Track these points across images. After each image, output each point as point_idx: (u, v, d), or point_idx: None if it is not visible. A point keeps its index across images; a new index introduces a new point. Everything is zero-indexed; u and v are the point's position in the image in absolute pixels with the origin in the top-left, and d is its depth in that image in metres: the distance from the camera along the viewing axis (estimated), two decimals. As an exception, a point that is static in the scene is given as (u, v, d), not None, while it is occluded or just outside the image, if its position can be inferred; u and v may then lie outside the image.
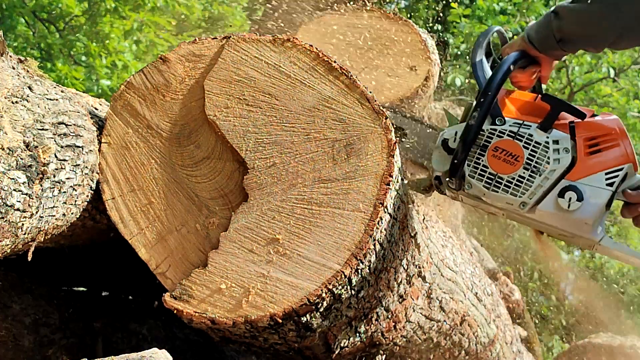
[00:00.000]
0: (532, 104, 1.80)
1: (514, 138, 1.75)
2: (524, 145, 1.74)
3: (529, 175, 1.73)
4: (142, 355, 1.32)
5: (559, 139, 1.73)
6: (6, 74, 1.32)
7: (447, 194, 1.90)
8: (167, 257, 1.58)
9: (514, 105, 1.79)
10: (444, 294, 2.16)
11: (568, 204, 1.71)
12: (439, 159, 1.83)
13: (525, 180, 1.73)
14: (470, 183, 1.78)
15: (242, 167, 1.61)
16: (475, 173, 1.77)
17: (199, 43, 1.66)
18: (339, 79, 1.60)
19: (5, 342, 1.82)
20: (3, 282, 1.92)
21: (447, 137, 1.81)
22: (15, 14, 7.62)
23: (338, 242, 1.51)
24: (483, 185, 1.76)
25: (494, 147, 1.75)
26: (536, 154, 1.73)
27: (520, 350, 3.58)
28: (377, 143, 1.56)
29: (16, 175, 1.22)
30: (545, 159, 1.73)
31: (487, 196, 1.77)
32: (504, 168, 1.74)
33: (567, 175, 1.72)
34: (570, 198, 1.70)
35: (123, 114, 1.64)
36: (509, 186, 1.74)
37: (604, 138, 1.74)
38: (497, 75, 1.76)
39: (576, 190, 1.71)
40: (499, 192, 1.75)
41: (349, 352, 1.76)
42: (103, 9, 7.52)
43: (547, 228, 1.82)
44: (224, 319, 1.49)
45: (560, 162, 1.72)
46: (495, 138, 1.75)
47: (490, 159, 1.75)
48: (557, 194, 1.72)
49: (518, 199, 1.74)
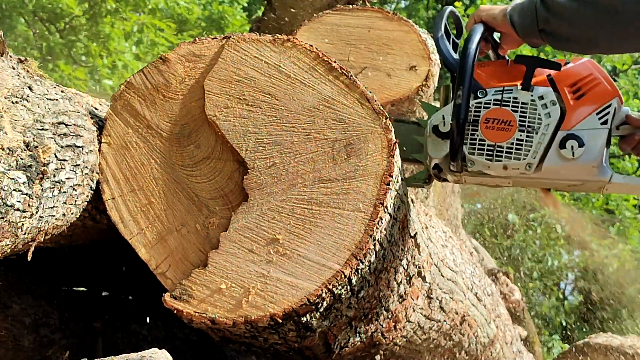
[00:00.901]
0: (506, 69, 1.82)
1: (501, 105, 1.76)
2: (512, 109, 1.76)
3: (526, 136, 1.75)
4: (142, 355, 1.32)
5: (543, 94, 1.75)
6: (6, 74, 1.32)
7: (450, 179, 1.91)
8: (167, 257, 1.58)
9: (488, 75, 1.81)
10: (444, 294, 2.16)
11: (572, 152, 1.73)
12: (434, 146, 1.83)
13: (524, 142, 1.75)
14: (472, 160, 1.78)
15: (242, 167, 1.61)
16: (474, 149, 1.77)
17: (199, 43, 1.66)
18: (339, 79, 1.60)
19: (5, 342, 1.82)
20: (3, 282, 1.92)
21: (436, 123, 1.82)
22: (15, 14, 7.62)
23: (338, 242, 1.51)
24: (485, 158, 1.77)
25: (484, 119, 1.76)
26: (526, 114, 1.75)
27: (520, 350, 3.58)
28: (377, 143, 1.56)
29: (16, 175, 1.22)
30: (536, 117, 1.75)
31: (492, 168, 1.77)
32: (500, 136, 1.76)
33: (562, 126, 1.75)
34: (572, 146, 1.73)
35: (123, 114, 1.64)
36: (510, 152, 1.76)
37: (584, 81, 1.76)
38: (469, 49, 1.78)
39: (575, 137, 1.73)
40: (502, 161, 1.76)
41: (349, 352, 1.76)
42: (104, 10, 7.52)
43: (556, 183, 1.84)
44: (224, 319, 1.49)
45: (551, 116, 1.74)
46: (483, 110, 1.77)
47: (485, 131, 1.76)
48: (558, 146, 1.74)
49: (523, 162, 1.75)
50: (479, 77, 1.79)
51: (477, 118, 1.77)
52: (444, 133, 1.80)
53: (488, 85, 1.78)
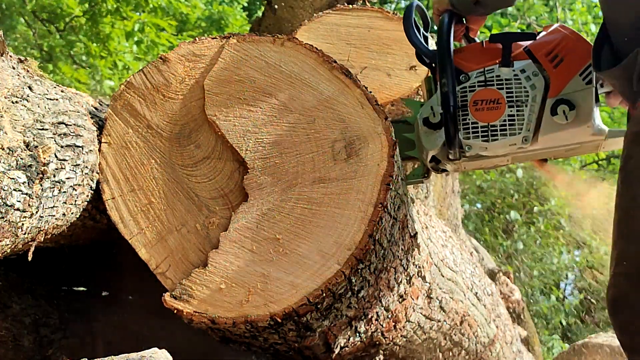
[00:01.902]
0: (483, 50, 1.84)
1: (486, 85, 1.79)
2: (498, 87, 1.78)
3: (517, 110, 1.77)
4: (142, 355, 1.32)
5: (524, 67, 1.78)
6: (6, 74, 1.32)
7: (449, 169, 1.94)
8: (167, 257, 1.58)
9: (467, 59, 1.83)
10: (444, 294, 2.16)
11: (564, 116, 1.75)
12: (429, 139, 1.84)
13: (516, 117, 1.77)
14: (469, 145, 1.80)
15: (242, 167, 1.61)
16: (469, 134, 1.79)
17: (199, 43, 1.67)
18: (339, 79, 1.60)
19: (5, 342, 1.82)
20: (3, 282, 1.92)
21: (426, 116, 1.83)
22: (15, 14, 7.62)
23: (338, 242, 1.51)
24: (481, 140, 1.79)
25: (473, 102, 1.79)
26: (512, 90, 1.77)
27: (520, 350, 3.58)
28: (377, 143, 1.56)
29: (16, 175, 1.22)
30: (522, 90, 1.77)
31: (490, 148, 1.80)
32: (492, 115, 1.78)
33: (549, 94, 1.77)
34: (564, 111, 1.75)
35: (123, 113, 1.64)
36: (504, 129, 1.78)
37: (559, 47, 1.79)
38: (443, 37, 1.81)
39: (564, 102, 1.75)
40: (499, 139, 1.78)
41: (349, 352, 1.76)
42: (104, 10, 7.52)
43: (554, 151, 1.87)
44: (224, 318, 1.49)
45: (536, 86, 1.77)
46: (469, 94, 1.79)
47: (475, 114, 1.79)
48: (550, 114, 1.76)
49: (519, 136, 1.77)
50: (458, 63, 1.82)
51: (465, 103, 1.79)
52: (435, 124, 1.82)
53: (469, 69, 1.81)
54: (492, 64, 1.80)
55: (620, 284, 1.47)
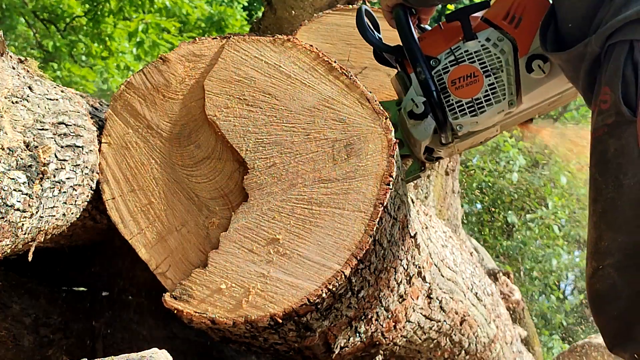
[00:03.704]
0: (443, 32, 1.88)
1: (458, 63, 1.82)
2: (470, 62, 1.82)
3: (495, 78, 1.81)
4: (142, 355, 1.32)
5: (488, 36, 1.82)
6: (6, 74, 1.32)
7: (443, 155, 1.98)
8: (167, 257, 1.58)
9: (431, 45, 1.87)
10: (444, 294, 2.16)
11: (541, 70, 1.80)
12: (418, 130, 1.86)
13: (496, 84, 1.81)
14: (459, 124, 1.83)
15: (242, 167, 1.61)
16: (456, 113, 1.83)
17: (199, 43, 1.67)
18: (339, 79, 1.60)
19: (5, 342, 1.82)
20: (3, 282, 1.92)
21: (409, 109, 1.85)
22: (15, 14, 7.62)
23: (338, 242, 1.51)
24: (470, 116, 1.82)
25: (451, 82, 1.83)
26: (484, 60, 1.81)
27: (520, 350, 3.58)
28: (377, 143, 1.56)
29: (16, 175, 1.22)
30: (494, 58, 1.81)
31: (480, 122, 1.83)
32: (473, 89, 1.82)
33: (519, 53, 1.81)
34: (539, 65, 1.80)
35: (123, 114, 1.64)
36: (489, 98, 1.82)
37: (514, 7, 1.83)
38: (405, 28, 1.85)
39: (537, 57, 1.80)
40: (486, 110, 1.82)
41: (349, 352, 1.76)
42: (107, 10, 7.51)
43: (538, 108, 1.91)
44: (224, 319, 1.49)
45: (505, 50, 1.81)
46: (445, 76, 1.83)
47: (457, 92, 1.82)
48: (527, 72, 1.80)
49: (505, 101, 1.81)
50: (425, 50, 1.85)
51: (443, 85, 1.83)
52: (420, 114, 1.83)
53: (437, 53, 1.84)
54: (456, 42, 1.84)
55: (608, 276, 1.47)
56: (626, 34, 1.47)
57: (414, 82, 1.84)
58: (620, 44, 1.47)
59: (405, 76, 1.88)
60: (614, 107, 1.46)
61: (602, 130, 1.50)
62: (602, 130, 1.50)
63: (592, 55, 1.53)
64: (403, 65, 1.89)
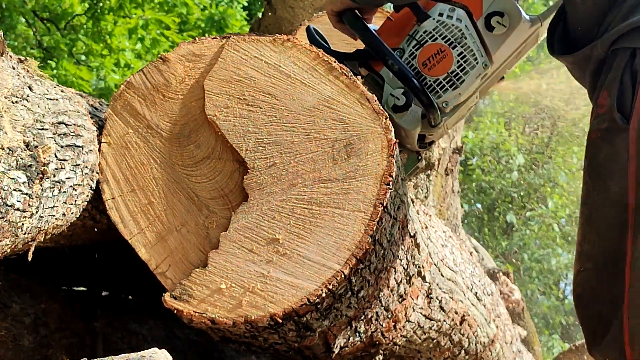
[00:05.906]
0: (396, 22, 1.92)
1: (421, 45, 1.86)
2: (432, 40, 1.86)
3: (462, 47, 1.85)
4: (142, 355, 1.32)
5: (439, 10, 1.87)
6: (6, 73, 1.32)
7: (436, 138, 2.02)
8: (167, 257, 1.58)
9: (390, 38, 1.90)
10: (444, 294, 2.16)
11: (502, 26, 1.84)
12: (406, 120, 1.87)
13: (465, 52, 1.85)
14: (444, 101, 1.87)
15: (242, 167, 1.61)
16: (439, 92, 1.86)
17: (199, 43, 1.67)
18: (339, 79, 1.60)
19: (5, 342, 1.82)
20: (3, 282, 1.92)
21: (392, 104, 1.87)
22: (15, 13, 7.61)
23: (338, 242, 1.51)
24: (452, 90, 1.86)
25: (422, 65, 1.86)
26: (445, 33, 1.85)
27: (520, 350, 3.58)
28: (377, 143, 1.56)
29: (16, 175, 1.22)
30: (454, 28, 1.85)
31: (462, 92, 1.87)
32: (445, 64, 1.86)
33: (475, 16, 1.85)
34: (498, 21, 1.84)
35: (123, 113, 1.64)
36: (463, 67, 1.85)
37: None
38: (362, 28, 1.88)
39: (492, 15, 1.84)
40: (465, 79, 1.86)
41: (348, 352, 1.76)
42: (107, 7, 7.51)
43: (508, 63, 1.95)
44: (224, 319, 1.49)
45: (462, 19, 1.85)
46: (413, 61, 1.87)
47: (431, 72, 1.86)
48: (489, 31, 1.85)
49: (479, 65, 1.85)
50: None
51: (415, 71, 1.86)
52: (403, 105, 1.85)
53: (398, 43, 1.89)
54: (412, 27, 1.88)
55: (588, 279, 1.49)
56: (630, 40, 1.47)
57: (388, 78, 1.86)
58: (623, 50, 1.48)
59: (376, 76, 1.90)
60: (609, 113, 1.47)
61: (596, 134, 1.51)
62: (595, 133, 1.51)
63: (598, 59, 1.54)
64: (370, 67, 1.91)
